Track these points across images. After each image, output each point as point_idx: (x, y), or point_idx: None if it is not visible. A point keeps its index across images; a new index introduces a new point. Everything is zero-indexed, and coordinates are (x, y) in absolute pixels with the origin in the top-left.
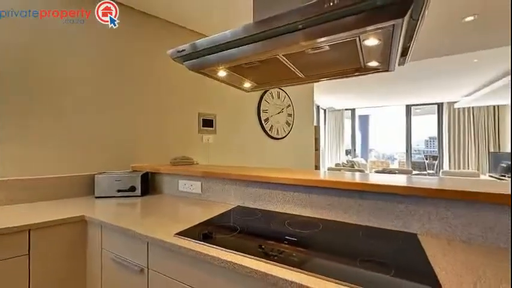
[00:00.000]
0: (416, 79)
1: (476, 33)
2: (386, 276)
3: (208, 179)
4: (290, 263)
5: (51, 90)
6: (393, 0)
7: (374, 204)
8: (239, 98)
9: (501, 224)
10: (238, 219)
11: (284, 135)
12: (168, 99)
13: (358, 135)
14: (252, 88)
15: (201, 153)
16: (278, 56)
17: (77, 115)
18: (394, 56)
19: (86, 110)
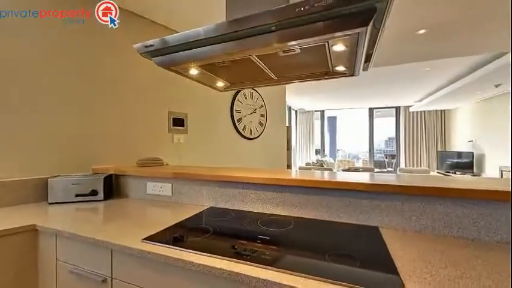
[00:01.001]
0: (377, 84)
1: (428, 44)
2: (352, 268)
3: (180, 180)
4: (263, 262)
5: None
6: (358, 10)
7: (341, 201)
8: (212, 98)
9: (448, 215)
10: (210, 220)
11: (257, 135)
12: (135, 96)
13: (326, 136)
14: (225, 88)
15: (171, 154)
16: (251, 56)
17: (26, 111)
18: (358, 61)
19: (38, 104)
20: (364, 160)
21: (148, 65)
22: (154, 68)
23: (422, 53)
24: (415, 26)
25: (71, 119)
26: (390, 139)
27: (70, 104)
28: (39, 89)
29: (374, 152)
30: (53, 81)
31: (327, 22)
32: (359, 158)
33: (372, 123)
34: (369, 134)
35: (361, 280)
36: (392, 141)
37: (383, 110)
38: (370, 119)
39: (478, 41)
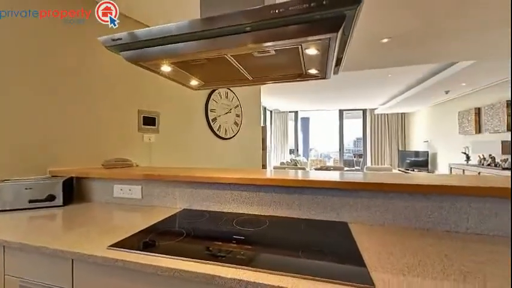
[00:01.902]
0: (346, 87)
1: (390, 52)
2: (324, 262)
3: (150, 182)
4: (238, 262)
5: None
6: (329, 16)
7: (313, 199)
8: (185, 96)
9: (407, 209)
10: (184, 223)
11: (232, 135)
12: (101, 93)
13: (300, 136)
14: (200, 86)
15: (141, 154)
16: (226, 56)
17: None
18: (330, 65)
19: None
20: (334, 159)
21: (116, 60)
22: (123, 63)
23: (385, 60)
24: (379, 34)
25: (24, 116)
26: (358, 139)
27: (23, 100)
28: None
29: (344, 152)
30: (1, 73)
31: (300, 26)
32: (330, 157)
33: (342, 124)
34: (339, 135)
35: (332, 274)
36: (360, 142)
37: (352, 112)
38: (340, 120)
39: (433, 52)
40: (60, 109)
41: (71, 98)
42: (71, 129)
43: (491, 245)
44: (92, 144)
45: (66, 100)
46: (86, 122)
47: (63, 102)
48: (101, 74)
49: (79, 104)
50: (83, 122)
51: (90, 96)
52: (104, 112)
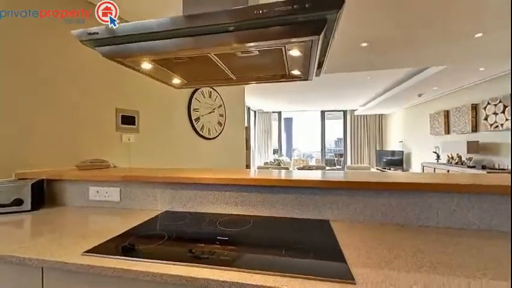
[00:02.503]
0: (328, 89)
1: (369, 56)
2: (306, 260)
3: (129, 183)
4: (222, 263)
5: None
6: (312, 19)
7: (296, 198)
8: (167, 95)
9: (384, 206)
10: (166, 225)
11: (216, 135)
12: (75, 90)
13: (283, 136)
14: (182, 85)
15: (119, 155)
16: (210, 54)
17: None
18: (312, 67)
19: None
20: (317, 159)
21: (92, 55)
22: (99, 58)
23: (364, 63)
24: (359, 39)
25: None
26: (339, 139)
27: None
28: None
29: (325, 151)
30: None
31: (283, 27)
32: (312, 157)
33: (324, 125)
34: (321, 135)
35: (315, 271)
36: (341, 142)
37: (333, 113)
38: (322, 120)
39: (407, 57)
40: (27, 108)
41: (42, 96)
42: (41, 128)
43: (457, 237)
44: (65, 145)
45: (35, 99)
46: (59, 121)
47: (32, 101)
48: (75, 69)
49: (50, 102)
50: (55, 121)
51: (62, 93)
52: (78, 110)
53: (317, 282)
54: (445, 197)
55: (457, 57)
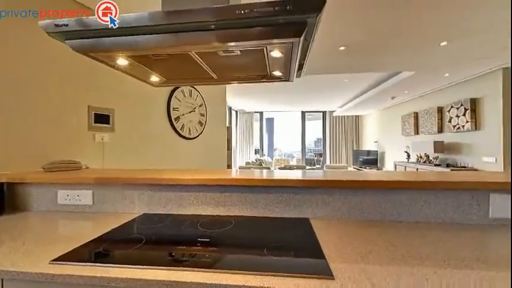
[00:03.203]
0: (308, 90)
1: (347, 59)
2: (287, 258)
3: (103, 185)
4: (203, 265)
5: None
6: (292, 21)
7: (278, 197)
8: (144, 92)
9: (360, 203)
10: (143, 228)
11: (197, 135)
12: (41, 86)
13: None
14: (161, 83)
15: (92, 155)
16: (190, 53)
17: None
18: (293, 68)
19: None
20: (297, 158)
21: (61, 48)
22: (69, 51)
23: (342, 66)
24: (337, 43)
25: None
26: (318, 139)
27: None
28: None
29: (306, 151)
30: None
31: (265, 28)
32: (293, 156)
33: (304, 125)
34: (301, 135)
35: (295, 268)
36: (320, 142)
37: (313, 114)
38: (302, 121)
39: (381, 61)
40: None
41: (3, 89)
42: (2, 127)
43: (425, 230)
44: (30, 146)
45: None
46: (21, 120)
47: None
48: (41, 64)
49: (12, 98)
50: (18, 119)
51: (26, 89)
52: (46, 108)
53: (298, 279)
54: (414, 193)
55: (424, 63)
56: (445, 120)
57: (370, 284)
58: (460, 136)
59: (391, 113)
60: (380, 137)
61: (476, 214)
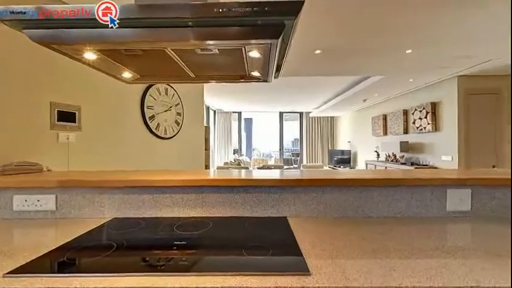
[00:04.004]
0: (285, 91)
1: (322, 63)
2: (266, 257)
3: (68, 189)
4: (179, 269)
5: None
6: (270, 23)
7: (256, 197)
8: (116, 89)
9: (334, 201)
10: (115, 233)
11: (173, 135)
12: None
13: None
14: (134, 80)
15: (55, 157)
16: (166, 49)
17: None
18: (271, 69)
19: None
20: (275, 158)
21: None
22: (30, 43)
23: (318, 69)
24: (313, 46)
25: None
26: (296, 140)
27: None
28: None
29: (283, 151)
30: None
31: (243, 28)
32: (271, 156)
33: (282, 126)
34: (279, 135)
35: (273, 267)
36: (297, 142)
37: (290, 115)
38: (280, 121)
39: (353, 66)
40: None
41: None
42: None
43: (393, 224)
44: None
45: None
46: None
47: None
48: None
49: None
50: None
51: None
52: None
53: (276, 277)
54: (383, 190)
55: (392, 68)
56: (410, 122)
57: (344, 277)
58: (423, 137)
59: (362, 114)
60: (353, 137)
61: (436, 208)
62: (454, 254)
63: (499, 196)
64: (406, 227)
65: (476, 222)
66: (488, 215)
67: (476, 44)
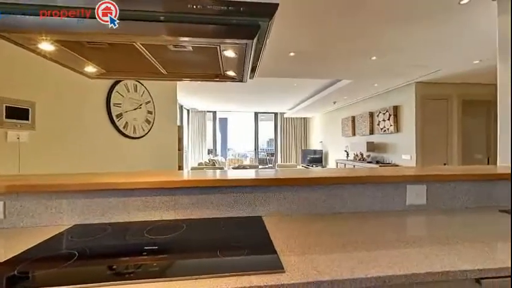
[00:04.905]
0: (261, 92)
1: (296, 65)
2: (241, 257)
3: (20, 195)
4: (150, 276)
5: None
6: (246, 23)
7: (231, 197)
8: (77, 84)
9: (307, 199)
10: (76, 242)
11: (143, 134)
12: None
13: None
14: (99, 75)
15: (3, 158)
16: (136, 44)
17: None
18: (246, 69)
19: None
20: (250, 158)
21: None
22: None
23: (292, 71)
24: (287, 49)
25: None
26: (271, 140)
27: None
28: None
29: (258, 151)
30: None
31: (218, 27)
32: (247, 156)
33: (257, 126)
34: (254, 135)
35: (249, 266)
36: (272, 142)
37: (265, 115)
38: (255, 122)
39: (324, 69)
40: None
41: None
42: None
43: (361, 219)
44: None
45: None
46: None
47: None
48: None
49: None
50: None
51: None
52: None
53: (251, 277)
54: (352, 187)
55: (360, 73)
56: (375, 123)
57: (316, 272)
58: (386, 137)
59: (333, 116)
60: (324, 137)
61: (398, 202)
62: (412, 243)
63: (448, 190)
64: (372, 221)
65: (430, 214)
66: (440, 207)
67: (428, 55)
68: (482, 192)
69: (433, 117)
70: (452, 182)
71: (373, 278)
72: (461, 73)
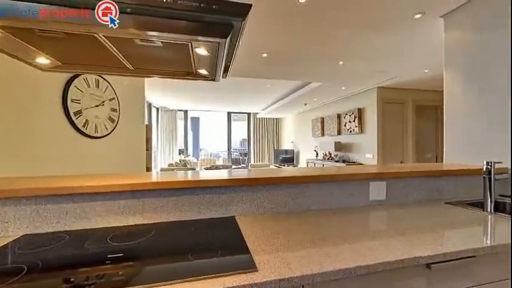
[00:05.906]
0: (233, 92)
1: (269, 66)
2: (214, 259)
3: None
4: (114, 285)
5: None
6: (218, 22)
7: (202, 198)
8: (26, 75)
9: (279, 198)
10: (24, 254)
11: (106, 134)
12: None
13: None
14: (53, 67)
15: None
16: (97, 35)
17: None
18: (219, 69)
19: None
20: (223, 158)
21: None
22: None
23: (264, 72)
24: (260, 49)
25: None
26: (244, 140)
27: None
28: None
29: (231, 151)
30: None
31: (190, 23)
32: (220, 156)
33: (230, 126)
34: (227, 135)
35: (222, 267)
36: (245, 142)
37: (238, 115)
38: (228, 122)
39: (295, 71)
40: None
41: None
42: None
43: (329, 215)
44: None
45: None
46: None
47: None
48: None
49: None
50: None
51: None
52: None
53: (224, 278)
54: (321, 186)
55: (328, 76)
56: (342, 124)
57: (288, 268)
58: (352, 137)
59: (304, 117)
60: (295, 137)
61: (362, 198)
62: (374, 236)
63: (404, 186)
64: (339, 217)
65: (389, 209)
66: (397, 202)
67: (387, 62)
68: (431, 187)
69: (392, 119)
70: (408, 178)
71: (341, 270)
72: (414, 80)
